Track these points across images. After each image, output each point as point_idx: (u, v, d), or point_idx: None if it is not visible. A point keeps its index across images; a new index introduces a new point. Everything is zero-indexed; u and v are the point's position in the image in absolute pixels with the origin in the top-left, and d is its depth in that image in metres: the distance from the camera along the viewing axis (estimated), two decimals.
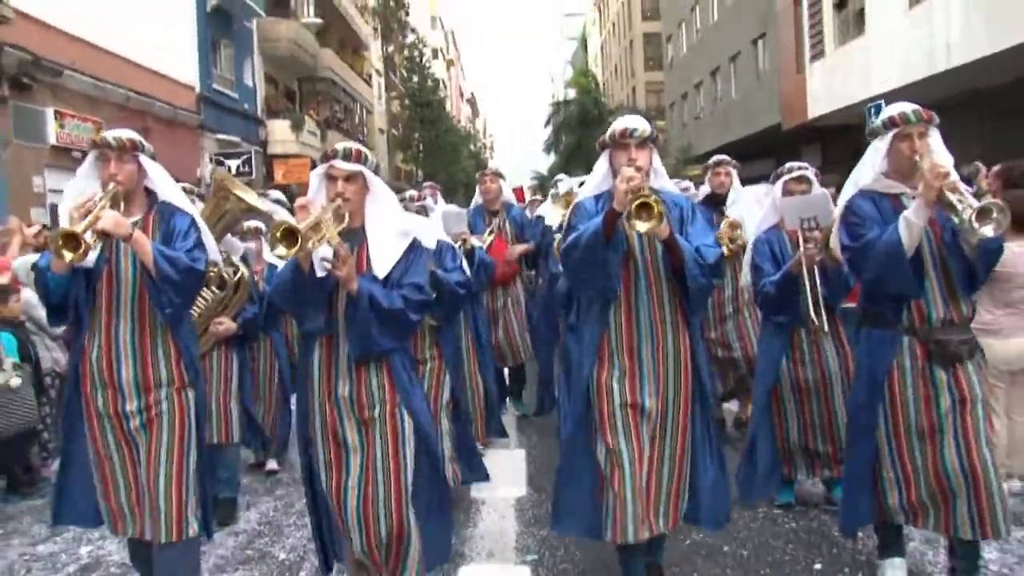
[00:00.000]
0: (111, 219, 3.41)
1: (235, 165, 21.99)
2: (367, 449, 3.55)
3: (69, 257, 3.30)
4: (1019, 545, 4.30)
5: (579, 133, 38.84)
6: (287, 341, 6.55)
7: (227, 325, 5.15)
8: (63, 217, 3.66)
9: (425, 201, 5.39)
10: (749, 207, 6.32)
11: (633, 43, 50.35)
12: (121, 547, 4.55)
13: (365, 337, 3.48)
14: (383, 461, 3.53)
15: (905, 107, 3.70)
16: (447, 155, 45.20)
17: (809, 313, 4.41)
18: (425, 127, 44.34)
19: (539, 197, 8.33)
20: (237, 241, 5.53)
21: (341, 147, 3.62)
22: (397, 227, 3.67)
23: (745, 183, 6.88)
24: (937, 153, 3.63)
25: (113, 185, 3.57)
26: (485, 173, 7.69)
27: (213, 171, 17.06)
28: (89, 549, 4.86)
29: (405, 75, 46.35)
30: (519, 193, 10.18)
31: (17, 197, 13.90)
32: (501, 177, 7.60)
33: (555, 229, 6.48)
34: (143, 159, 3.72)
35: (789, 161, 5.23)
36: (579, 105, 40.42)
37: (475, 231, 6.81)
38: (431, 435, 3.73)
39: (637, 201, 3.33)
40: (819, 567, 4.24)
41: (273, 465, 6.27)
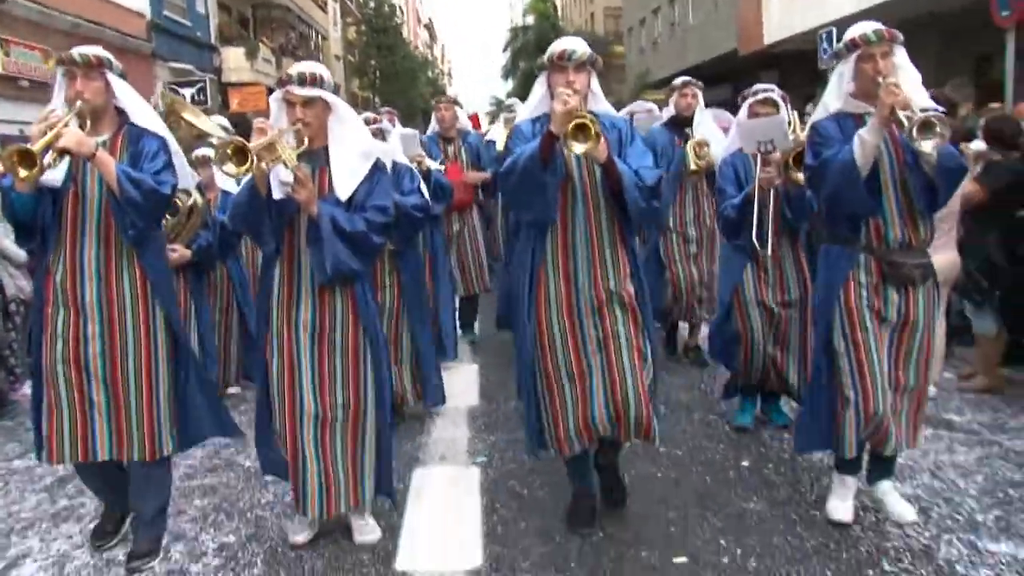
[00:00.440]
0: (73, 137, 3.36)
1: (190, 94, 21.58)
2: (322, 378, 3.60)
3: (24, 175, 3.24)
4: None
5: (537, 59, 38.57)
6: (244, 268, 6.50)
7: (180, 252, 5.13)
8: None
9: (382, 124, 5.36)
10: (713, 130, 6.37)
11: None
12: None
13: (334, 259, 3.45)
14: (343, 394, 3.62)
15: (866, 27, 3.63)
16: (404, 82, 44.57)
17: (752, 238, 4.54)
18: (382, 53, 43.67)
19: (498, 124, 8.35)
20: (189, 169, 5.54)
21: (296, 72, 3.55)
22: (360, 148, 3.63)
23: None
24: (904, 71, 3.57)
25: (79, 103, 3.51)
26: (440, 100, 7.71)
27: (163, 95, 16.77)
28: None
29: (361, 1, 45.42)
30: (475, 120, 10.23)
31: None
32: (457, 104, 7.62)
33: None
34: (111, 77, 3.64)
35: (747, 87, 5.17)
36: (537, 31, 40.08)
37: (433, 157, 6.83)
38: (384, 360, 3.78)
39: (574, 122, 3.32)
40: (746, 464, 4.61)
41: (235, 389, 6.36)
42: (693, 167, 6.20)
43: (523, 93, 30.53)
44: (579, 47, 3.71)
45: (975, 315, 5.61)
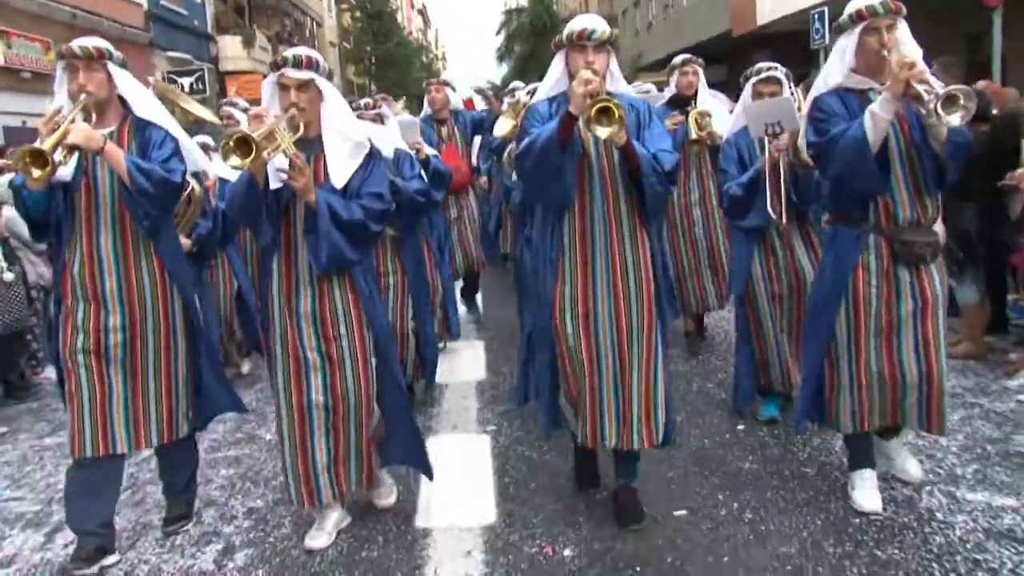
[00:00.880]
0: (81, 133, 3.34)
1: (188, 83, 21.81)
2: (329, 366, 3.58)
3: (37, 174, 3.25)
4: None
5: (532, 42, 38.69)
6: (245, 256, 6.60)
7: (181, 242, 5.19)
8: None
9: (381, 109, 5.33)
10: (716, 105, 6.25)
11: None
12: None
13: (331, 248, 3.43)
14: (354, 382, 3.60)
15: None
16: (400, 68, 44.66)
17: (768, 208, 4.42)
18: (377, 40, 43.74)
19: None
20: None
21: (291, 54, 3.50)
22: (354, 136, 3.59)
23: None
24: (905, 46, 3.50)
25: (84, 96, 3.50)
26: (431, 82, 7.74)
27: (154, 84, 16.88)
28: None
29: None
30: (469, 104, 10.34)
31: None
32: (448, 85, 7.63)
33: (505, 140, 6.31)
34: (112, 67, 3.61)
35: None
36: (531, 13, 40.14)
37: (425, 140, 6.88)
38: (390, 348, 3.78)
39: (597, 105, 3.20)
40: (741, 427, 4.87)
41: (245, 368, 6.60)
42: (694, 136, 6.06)
43: (518, 76, 30.38)
44: (600, 25, 3.56)
45: (957, 285, 5.85)
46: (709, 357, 6.31)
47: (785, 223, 4.53)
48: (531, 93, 5.40)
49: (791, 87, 4.80)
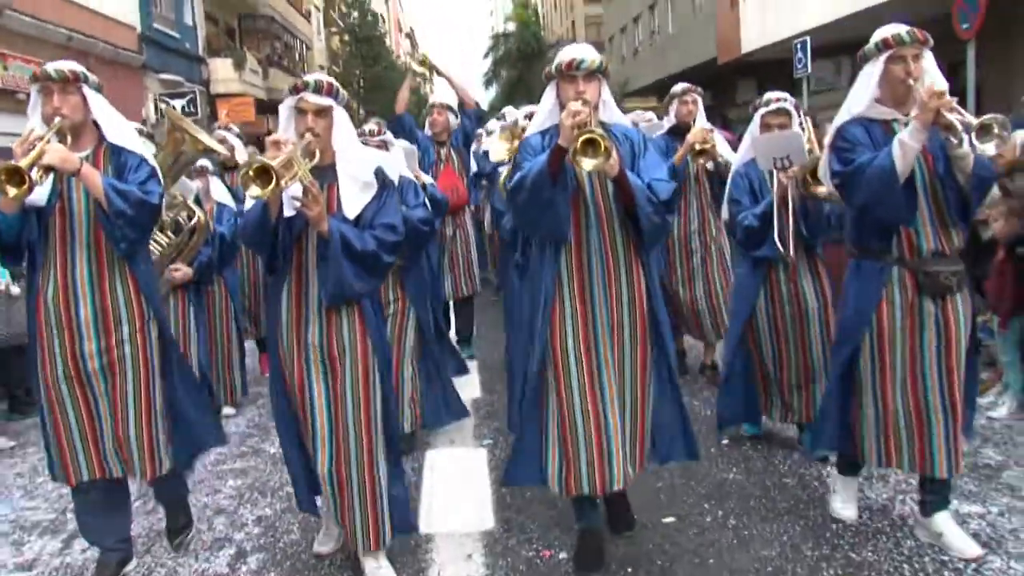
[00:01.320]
0: (57, 154, 3.30)
1: (180, 105, 21.96)
2: (334, 403, 3.51)
3: (13, 193, 3.17)
4: None
5: (519, 68, 39.20)
6: (249, 283, 6.65)
7: (183, 271, 5.07)
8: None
9: (385, 136, 5.33)
10: (718, 138, 6.16)
11: None
12: None
13: (338, 281, 3.38)
14: (354, 414, 3.51)
15: (898, 27, 3.54)
16: (388, 91, 45.03)
17: (775, 241, 4.40)
18: (366, 63, 44.13)
19: (481, 131, 8.41)
20: (191, 183, 5.35)
21: (312, 79, 3.48)
22: (368, 165, 3.57)
23: None
24: (931, 76, 3.50)
25: (58, 119, 3.46)
26: (434, 105, 7.70)
27: (164, 111, 16.90)
28: None
29: (344, 10, 45.87)
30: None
31: None
32: (449, 109, 7.62)
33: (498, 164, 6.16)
34: (87, 91, 3.59)
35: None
36: (518, 39, 40.64)
37: (427, 159, 7.07)
38: (389, 382, 3.70)
39: (583, 137, 3.16)
40: (726, 441, 5.12)
41: (229, 411, 6.30)
42: (698, 148, 5.93)
43: (506, 102, 30.59)
44: (589, 55, 3.53)
45: None
46: (695, 376, 6.54)
47: (793, 255, 4.49)
48: (529, 116, 5.27)
49: (800, 119, 4.76)
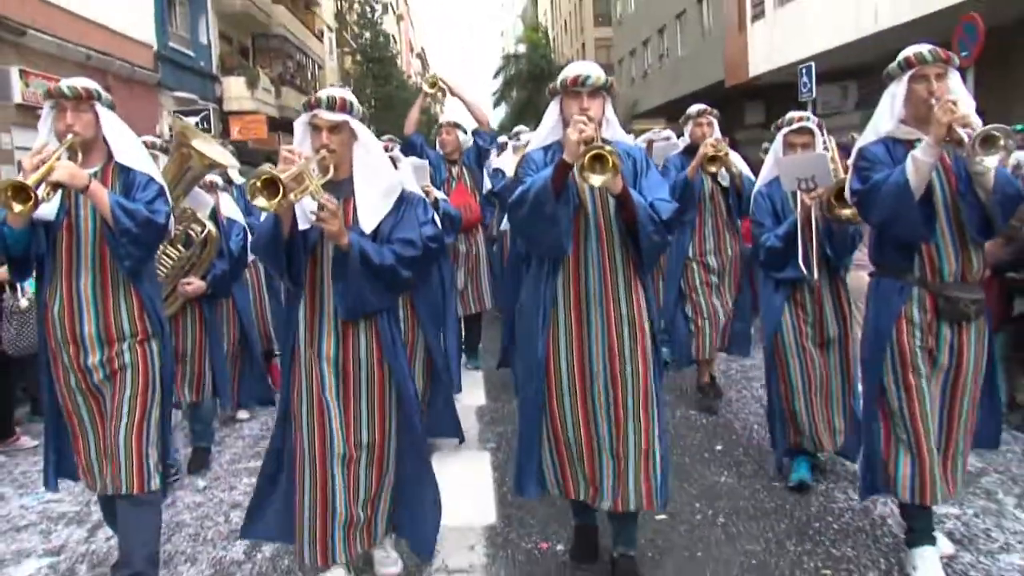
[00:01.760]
0: (66, 170, 3.34)
1: (194, 122, 22.37)
2: (347, 406, 3.50)
3: (18, 209, 3.21)
4: None
5: (528, 88, 39.69)
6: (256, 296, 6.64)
7: (196, 284, 5.06)
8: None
9: (394, 153, 5.40)
10: (736, 158, 6.17)
11: None
12: None
13: (355, 295, 3.36)
14: (369, 433, 3.52)
15: (921, 47, 3.53)
16: (399, 110, 45.53)
17: (799, 263, 4.34)
18: (377, 82, 44.65)
19: (494, 150, 8.53)
20: (207, 196, 5.36)
21: (326, 95, 3.46)
22: (386, 179, 3.57)
23: None
24: (956, 95, 3.42)
25: (70, 136, 3.50)
26: (442, 124, 7.77)
27: (173, 123, 17.24)
28: None
29: (357, 31, 46.46)
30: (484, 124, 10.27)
31: None
32: (459, 128, 7.66)
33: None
34: (100, 109, 3.62)
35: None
36: (528, 60, 41.16)
37: (439, 176, 7.17)
38: (413, 397, 3.65)
39: (590, 153, 3.12)
40: (719, 448, 5.34)
41: (244, 414, 6.45)
42: (711, 154, 5.92)
43: (516, 122, 30.93)
44: (594, 72, 3.55)
45: None
46: (691, 387, 6.75)
47: (817, 278, 4.44)
48: None
49: (824, 138, 4.72)
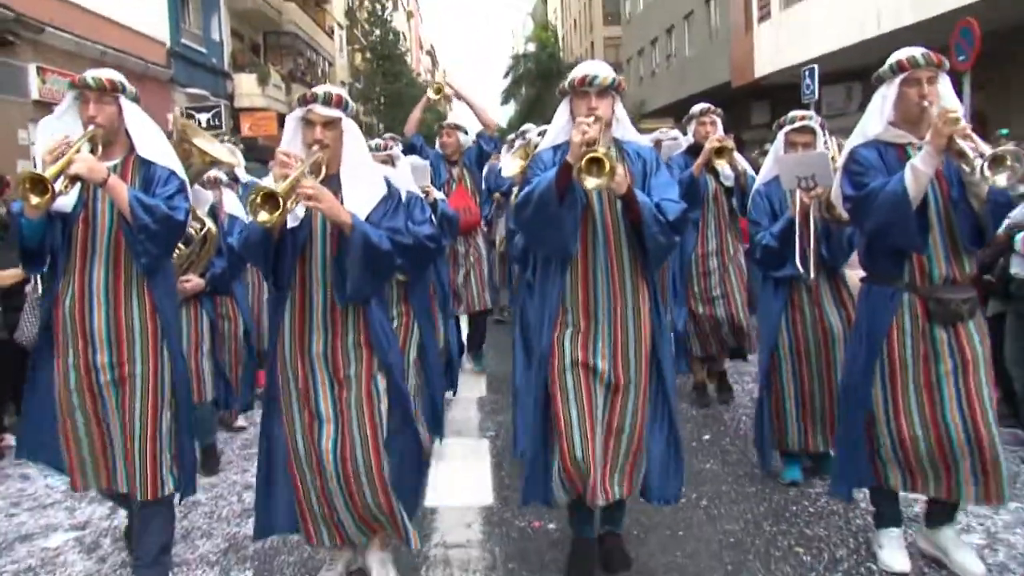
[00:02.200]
0: (85, 164, 3.29)
1: (205, 119, 22.70)
2: (341, 417, 3.45)
3: (36, 201, 3.18)
4: None
5: (537, 87, 39.97)
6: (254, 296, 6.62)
7: (195, 282, 4.99)
8: (39, 161, 3.46)
9: (392, 151, 5.32)
10: (738, 158, 6.14)
11: None
12: None
13: (356, 278, 3.31)
14: (359, 430, 3.43)
15: (913, 50, 3.52)
16: (408, 107, 45.74)
17: (796, 262, 4.33)
18: (387, 80, 44.94)
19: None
20: (207, 193, 5.30)
21: (321, 91, 3.42)
22: (373, 173, 3.57)
23: None
24: (947, 100, 3.46)
25: (92, 127, 3.45)
26: (443, 126, 7.82)
27: (175, 120, 17.37)
28: None
29: (367, 28, 46.77)
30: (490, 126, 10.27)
31: (3, 150, 14.74)
32: (460, 129, 7.72)
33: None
34: (124, 101, 3.57)
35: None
36: (537, 59, 41.41)
37: (438, 177, 7.20)
38: (405, 393, 3.64)
39: (587, 156, 3.12)
40: (707, 437, 5.60)
41: (242, 422, 6.32)
42: (718, 147, 5.87)
43: (523, 120, 31.26)
44: (602, 71, 3.52)
45: None
46: (680, 379, 6.96)
47: (814, 278, 4.44)
48: (543, 134, 5.19)
49: (825, 137, 4.69)
